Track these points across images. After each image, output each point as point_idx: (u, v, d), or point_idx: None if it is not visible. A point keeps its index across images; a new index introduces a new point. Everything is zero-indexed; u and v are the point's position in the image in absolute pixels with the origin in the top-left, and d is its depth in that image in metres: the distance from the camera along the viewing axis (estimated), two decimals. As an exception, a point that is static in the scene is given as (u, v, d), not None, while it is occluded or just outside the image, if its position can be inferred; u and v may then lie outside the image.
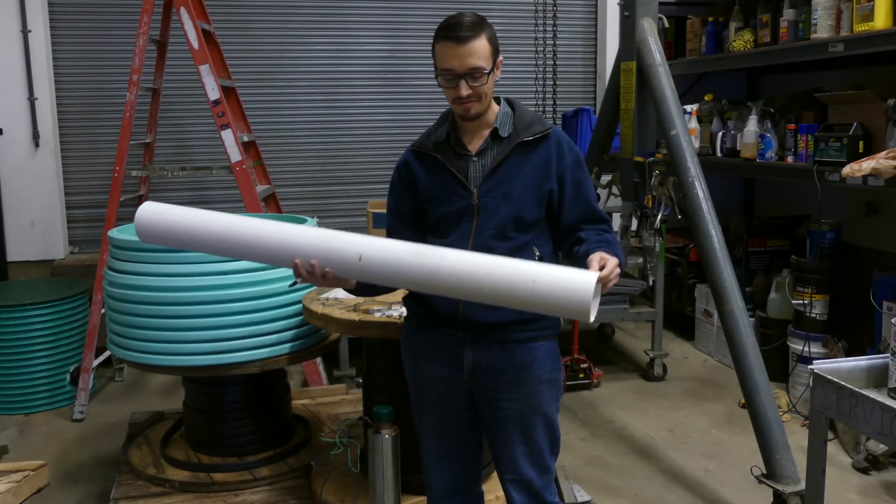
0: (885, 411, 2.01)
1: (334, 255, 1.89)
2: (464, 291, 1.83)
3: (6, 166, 5.08)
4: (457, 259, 1.82)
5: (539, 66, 5.19)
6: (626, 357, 5.20)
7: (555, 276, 1.75)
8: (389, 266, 1.86)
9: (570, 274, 1.75)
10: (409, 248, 1.87)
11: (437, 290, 1.87)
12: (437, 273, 1.82)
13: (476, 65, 1.99)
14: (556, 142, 2.11)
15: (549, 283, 1.74)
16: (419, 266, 1.83)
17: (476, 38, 1.99)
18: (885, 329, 3.84)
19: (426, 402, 2.22)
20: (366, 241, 1.89)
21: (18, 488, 3.24)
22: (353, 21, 5.62)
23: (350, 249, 1.87)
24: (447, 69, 2.00)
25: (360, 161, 5.70)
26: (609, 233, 2.11)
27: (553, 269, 1.78)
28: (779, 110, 4.48)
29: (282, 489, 3.08)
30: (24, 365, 4.28)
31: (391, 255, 1.86)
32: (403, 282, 1.89)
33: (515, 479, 2.16)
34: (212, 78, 4.12)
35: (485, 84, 2.02)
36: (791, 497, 2.98)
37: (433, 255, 1.83)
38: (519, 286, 1.75)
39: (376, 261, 1.86)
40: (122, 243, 3.04)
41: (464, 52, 1.98)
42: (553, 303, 1.75)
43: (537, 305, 1.78)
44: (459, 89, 2.00)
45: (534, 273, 1.76)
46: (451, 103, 2.07)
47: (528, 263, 1.81)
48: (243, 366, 3.01)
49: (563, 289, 1.73)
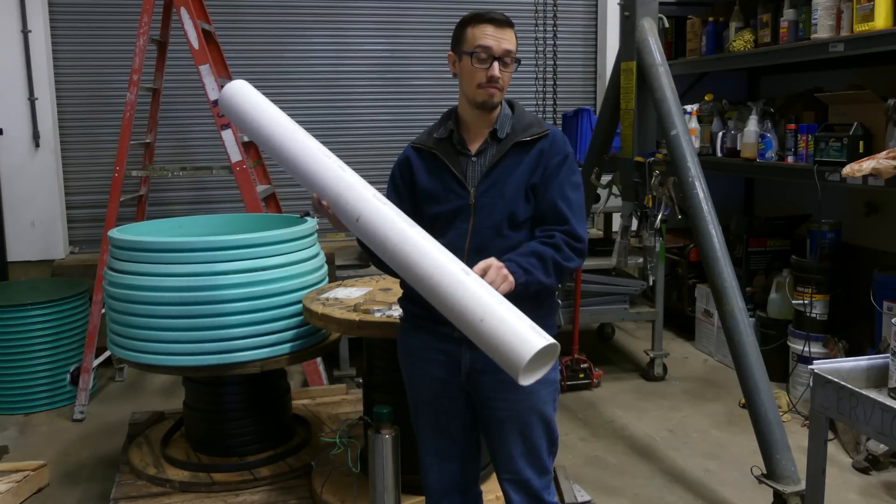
0: (885, 411, 2.01)
1: (341, 205, 2.02)
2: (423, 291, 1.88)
3: (6, 166, 5.08)
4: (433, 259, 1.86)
5: (539, 66, 5.18)
6: (626, 357, 5.19)
7: (504, 324, 1.74)
8: (377, 238, 1.94)
9: (519, 329, 1.73)
10: (400, 230, 1.92)
11: (407, 279, 1.94)
12: (409, 264, 1.88)
13: (511, 49, 2.06)
14: (550, 141, 2.12)
15: (493, 328, 1.74)
16: (399, 250, 1.90)
17: (511, 28, 2.08)
18: (885, 329, 3.84)
19: (423, 402, 2.22)
20: (372, 206, 1.97)
21: (18, 488, 3.25)
22: (353, 21, 5.63)
23: (354, 206, 1.99)
24: (484, 46, 2.03)
25: (360, 161, 5.68)
26: (554, 238, 2.04)
27: (509, 317, 1.76)
28: (779, 110, 4.48)
29: (282, 489, 3.08)
30: (24, 365, 4.28)
31: (382, 228, 1.93)
32: (385, 258, 1.97)
33: (513, 478, 2.16)
34: (212, 78, 4.12)
35: (510, 73, 2.07)
36: (791, 497, 2.98)
37: (414, 246, 1.89)
38: (467, 316, 1.78)
39: (369, 228, 1.96)
40: (122, 243, 3.04)
41: (502, 35, 2.05)
42: (490, 347, 1.77)
43: (477, 341, 1.80)
44: (493, 69, 2.03)
45: (486, 311, 1.76)
46: (472, 89, 2.07)
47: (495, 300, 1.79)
48: (243, 366, 3.01)
49: (503, 341, 1.73)
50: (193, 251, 2.95)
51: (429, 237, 1.93)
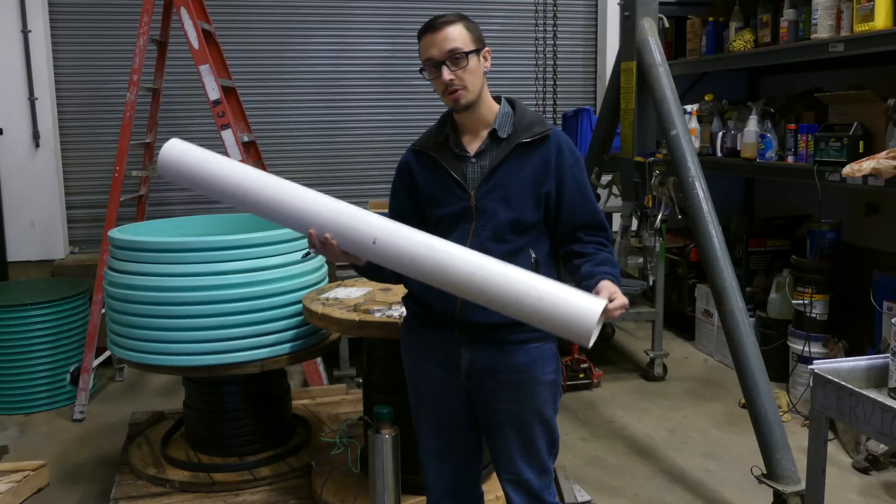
0: (885, 411, 2.01)
1: (350, 234, 1.88)
2: (469, 294, 1.84)
3: (6, 166, 5.08)
4: (468, 261, 1.82)
5: (539, 66, 5.19)
6: (626, 357, 5.20)
7: (562, 298, 1.76)
8: (403, 256, 1.86)
9: (577, 299, 1.76)
10: (424, 242, 1.86)
11: (443, 287, 1.88)
12: (447, 272, 1.82)
13: (453, 46, 2.01)
14: (557, 143, 2.10)
15: (554, 304, 1.75)
16: (431, 261, 1.83)
17: (451, 25, 2.03)
18: (885, 329, 3.84)
19: (424, 402, 2.22)
20: (383, 226, 1.89)
21: (18, 488, 3.25)
22: (353, 21, 5.63)
23: (366, 230, 1.87)
24: (428, 58, 2.03)
25: (360, 161, 5.70)
26: (608, 247, 2.10)
27: (561, 290, 1.78)
28: (779, 110, 4.48)
29: (282, 489, 3.08)
30: (24, 365, 4.27)
31: (406, 245, 1.86)
32: (412, 273, 1.89)
33: (513, 479, 2.16)
34: (212, 78, 4.12)
35: (466, 67, 2.02)
36: (791, 497, 2.98)
37: (445, 254, 1.84)
38: (525, 301, 1.76)
39: (390, 248, 1.86)
40: (122, 243, 3.04)
41: (440, 38, 2.01)
42: (555, 323, 1.76)
43: (540, 322, 1.79)
44: (442, 75, 2.01)
45: (541, 291, 1.76)
46: (441, 98, 2.08)
47: (539, 279, 1.81)
48: (243, 366, 3.00)
49: (568, 313, 1.74)
50: (193, 251, 2.94)
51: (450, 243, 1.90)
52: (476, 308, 1.97)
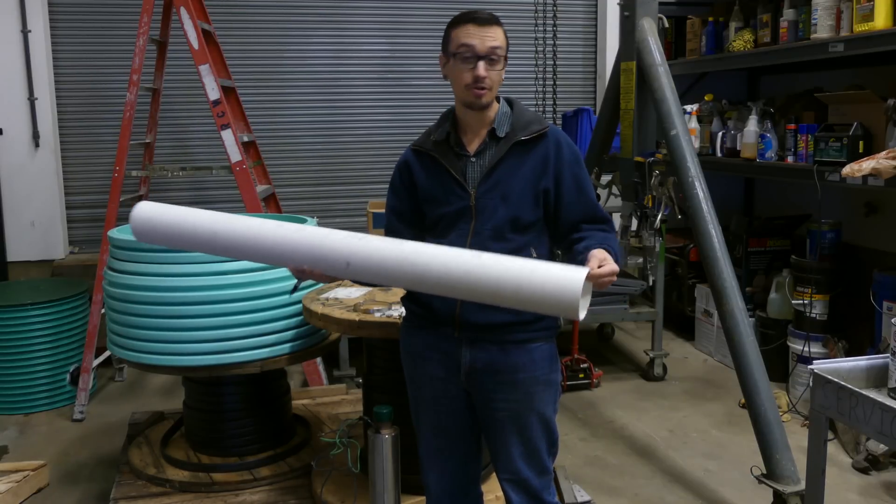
0: (885, 411, 2.01)
1: (322, 264, 1.93)
2: (452, 291, 1.84)
3: (6, 166, 5.08)
4: (444, 261, 1.83)
5: (539, 66, 5.19)
6: (626, 357, 5.20)
7: (543, 271, 1.75)
8: (378, 272, 1.89)
9: (558, 270, 1.74)
10: (395, 254, 1.87)
11: (426, 290, 1.90)
12: (424, 276, 1.84)
13: (497, 46, 2.02)
14: (555, 140, 2.10)
15: (536, 280, 1.73)
16: (405, 271, 1.85)
17: (497, 26, 2.05)
18: (885, 329, 3.84)
19: (424, 402, 2.22)
20: (353, 246, 1.91)
21: (18, 488, 3.25)
22: (353, 21, 5.62)
23: (337, 257, 1.91)
24: (468, 45, 2.01)
25: (360, 161, 5.70)
26: (610, 232, 2.10)
27: (542, 266, 1.77)
28: (779, 110, 4.48)
29: (282, 489, 3.08)
30: (24, 365, 4.27)
31: (376, 260, 1.88)
32: (392, 283, 1.94)
33: (512, 478, 2.16)
34: (212, 78, 4.12)
35: (499, 70, 2.04)
36: (791, 497, 2.98)
37: (419, 260, 1.84)
38: (506, 284, 1.75)
39: (363, 267, 1.90)
40: (122, 243, 3.04)
41: (485, 33, 2.01)
42: (541, 299, 1.74)
43: (526, 302, 1.77)
44: (478, 69, 2.00)
45: (520, 270, 1.76)
46: (461, 90, 2.05)
47: (516, 260, 1.80)
48: (243, 366, 3.00)
49: (552, 286, 1.72)
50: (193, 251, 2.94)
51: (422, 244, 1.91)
52: (476, 308, 1.98)
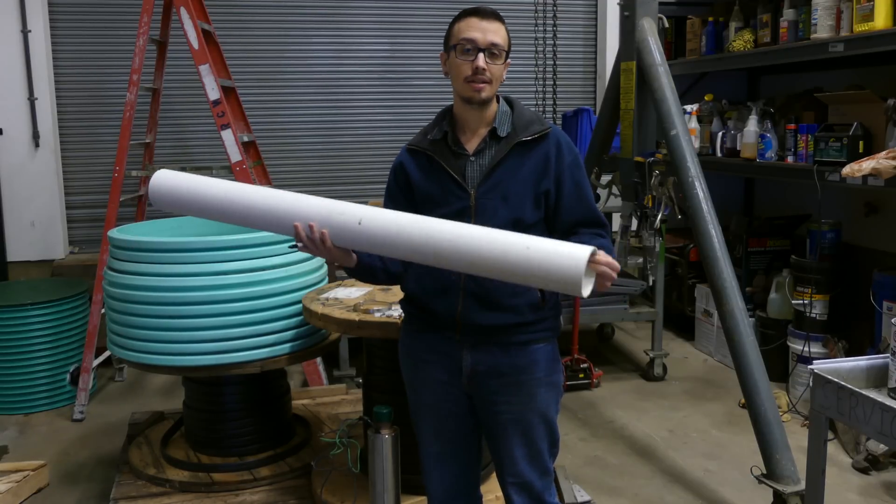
0: (885, 411, 2.01)
1: (335, 219, 1.93)
2: (460, 260, 1.85)
3: (6, 166, 5.09)
4: (453, 229, 1.85)
5: (539, 66, 5.19)
6: (626, 357, 5.20)
7: (550, 245, 1.79)
8: (389, 231, 1.89)
9: (565, 245, 1.78)
10: (408, 218, 1.91)
11: (433, 259, 1.88)
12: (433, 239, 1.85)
13: (497, 41, 2.02)
14: (556, 142, 2.09)
15: (542, 251, 1.76)
16: (415, 233, 1.86)
17: (500, 21, 2.06)
18: (885, 329, 3.84)
19: (424, 405, 2.20)
20: (366, 209, 1.95)
21: (18, 488, 3.25)
22: (353, 21, 5.63)
23: (351, 213, 1.93)
24: (469, 38, 2.01)
25: (360, 161, 5.70)
26: (606, 238, 2.09)
27: (548, 241, 1.82)
28: (779, 110, 4.48)
29: (282, 489, 3.08)
30: (24, 365, 4.27)
31: (390, 217, 1.91)
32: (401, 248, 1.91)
33: (517, 481, 2.15)
34: (212, 78, 4.12)
35: (499, 66, 2.04)
36: (791, 497, 2.98)
37: (430, 226, 1.87)
38: (513, 254, 1.77)
39: (376, 226, 1.90)
40: (122, 243, 3.04)
41: (487, 27, 2.02)
42: (545, 272, 1.76)
43: (530, 275, 1.79)
44: (477, 60, 2.00)
45: (527, 241, 1.79)
46: (460, 84, 2.04)
47: (523, 236, 1.82)
48: (243, 366, 3.01)
49: (557, 256, 1.75)
50: (193, 251, 2.95)
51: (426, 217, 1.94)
52: (478, 309, 1.97)
